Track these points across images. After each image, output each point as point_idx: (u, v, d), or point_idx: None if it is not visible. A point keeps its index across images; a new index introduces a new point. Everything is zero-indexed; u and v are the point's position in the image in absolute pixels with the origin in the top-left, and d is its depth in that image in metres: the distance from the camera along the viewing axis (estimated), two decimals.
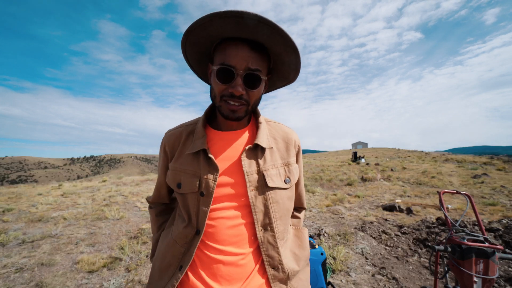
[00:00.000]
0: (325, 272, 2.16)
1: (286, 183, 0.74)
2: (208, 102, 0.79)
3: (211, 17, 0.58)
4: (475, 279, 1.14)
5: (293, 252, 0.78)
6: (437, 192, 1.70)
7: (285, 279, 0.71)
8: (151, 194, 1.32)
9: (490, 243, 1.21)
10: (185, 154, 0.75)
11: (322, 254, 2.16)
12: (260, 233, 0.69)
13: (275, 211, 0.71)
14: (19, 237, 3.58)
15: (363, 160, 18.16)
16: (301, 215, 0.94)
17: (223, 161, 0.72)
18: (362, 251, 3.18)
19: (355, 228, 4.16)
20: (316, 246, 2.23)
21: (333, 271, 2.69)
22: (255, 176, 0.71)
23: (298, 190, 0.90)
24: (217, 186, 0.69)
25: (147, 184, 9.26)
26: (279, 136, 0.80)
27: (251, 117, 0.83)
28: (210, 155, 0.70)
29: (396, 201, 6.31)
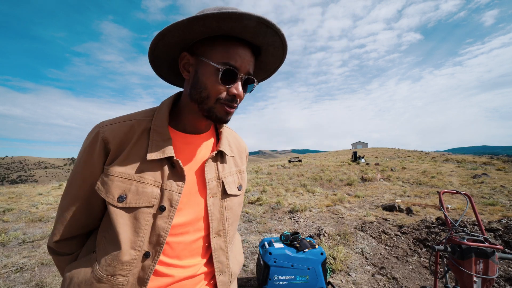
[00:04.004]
0: (325, 272, 2.17)
1: (239, 190, 0.75)
2: None
3: (227, 15, 0.52)
4: (474, 279, 1.14)
5: (235, 257, 0.78)
6: (437, 192, 1.70)
7: (228, 283, 0.71)
8: None
9: (489, 243, 1.21)
10: (140, 157, 0.60)
11: (322, 254, 2.17)
12: (213, 240, 0.68)
13: (228, 217, 0.70)
14: (20, 237, 3.58)
15: (363, 160, 18.16)
16: None
17: (187, 169, 0.65)
18: (362, 251, 3.19)
19: (355, 228, 4.16)
20: (316, 246, 2.23)
21: (333, 271, 2.69)
22: (214, 183, 0.68)
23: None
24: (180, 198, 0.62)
25: None
26: (234, 144, 0.80)
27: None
28: (180, 164, 0.62)
29: (396, 201, 6.31)
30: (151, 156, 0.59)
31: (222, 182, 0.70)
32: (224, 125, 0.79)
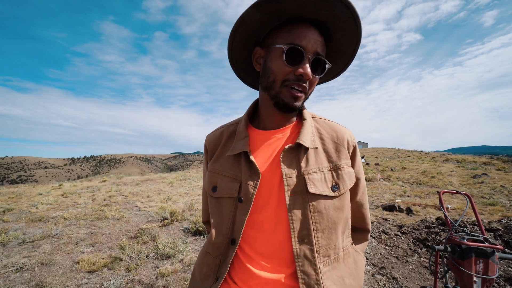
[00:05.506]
0: None
1: (333, 191, 0.62)
2: (210, 102, 0.76)
3: None
4: (474, 279, 1.14)
5: (342, 278, 0.63)
6: (437, 192, 1.70)
7: None
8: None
9: (489, 243, 1.21)
10: (225, 156, 0.70)
11: None
12: (296, 244, 0.59)
13: (316, 221, 0.60)
14: (20, 237, 3.58)
15: (363, 160, 18.16)
16: (366, 237, 0.78)
17: (263, 163, 0.65)
18: None
19: None
20: None
21: None
22: (294, 180, 0.61)
23: (357, 203, 0.73)
24: (256, 192, 0.63)
25: (147, 184, 9.27)
26: (327, 135, 0.68)
27: (297, 114, 0.73)
28: (252, 159, 0.64)
29: (396, 201, 6.31)
30: (230, 153, 0.68)
31: (304, 178, 0.61)
32: (311, 113, 0.73)
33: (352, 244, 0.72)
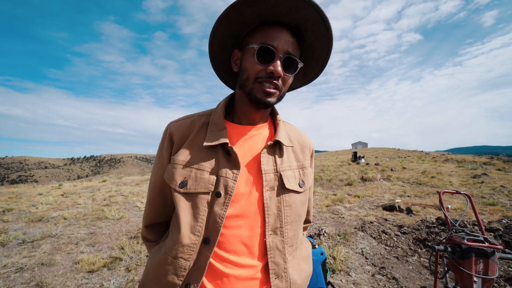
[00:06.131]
0: (325, 272, 2.17)
1: (300, 187, 0.70)
2: (210, 102, 0.76)
3: None
4: (475, 279, 1.14)
5: (299, 265, 0.70)
6: (437, 192, 1.70)
7: None
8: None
9: (490, 243, 1.21)
10: (199, 147, 0.65)
11: (322, 254, 2.17)
12: (269, 237, 0.63)
13: (287, 215, 0.65)
14: (19, 237, 3.58)
15: (363, 160, 18.16)
16: (307, 227, 0.89)
17: (240, 157, 0.65)
18: (362, 251, 3.19)
19: (355, 228, 4.16)
20: (316, 246, 2.23)
21: (333, 271, 2.69)
22: (272, 176, 0.65)
23: (309, 202, 0.82)
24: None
25: (147, 184, 9.26)
26: (295, 138, 0.76)
27: (269, 115, 0.77)
28: (234, 150, 0.63)
29: (396, 201, 6.31)
30: (207, 143, 0.64)
31: (280, 175, 0.66)
32: (282, 119, 0.77)
33: (303, 233, 0.81)
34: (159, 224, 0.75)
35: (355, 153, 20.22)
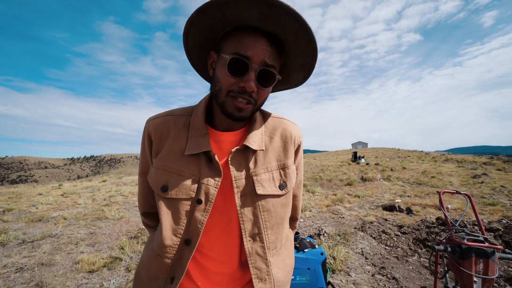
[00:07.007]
0: (325, 272, 2.17)
1: (280, 189, 0.66)
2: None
3: None
4: (475, 279, 1.14)
5: (283, 261, 0.71)
6: (437, 192, 1.70)
7: None
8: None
9: (490, 243, 1.21)
10: (180, 152, 0.63)
11: (322, 254, 2.17)
12: (247, 243, 0.62)
13: (265, 220, 0.64)
14: (19, 237, 3.58)
15: (363, 160, 18.16)
16: (295, 224, 0.86)
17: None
18: (362, 251, 3.19)
19: (355, 228, 4.16)
20: (316, 246, 2.23)
21: (333, 271, 2.69)
22: (243, 182, 0.63)
23: (295, 199, 0.80)
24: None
25: None
26: (277, 133, 0.70)
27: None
28: (217, 159, 0.62)
29: (396, 201, 6.31)
30: (189, 150, 0.62)
31: (252, 180, 0.63)
32: (264, 112, 0.73)
33: (289, 228, 0.79)
34: (154, 213, 0.76)
35: (355, 153, 20.22)
